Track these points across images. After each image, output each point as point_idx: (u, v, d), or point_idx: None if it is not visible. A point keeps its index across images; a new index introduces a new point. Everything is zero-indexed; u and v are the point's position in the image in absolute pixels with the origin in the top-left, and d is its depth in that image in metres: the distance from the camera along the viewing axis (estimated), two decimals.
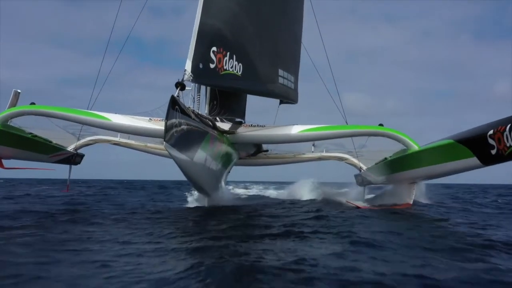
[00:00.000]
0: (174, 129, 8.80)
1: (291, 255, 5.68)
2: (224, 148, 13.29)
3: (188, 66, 10.61)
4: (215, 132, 12.20)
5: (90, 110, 15.30)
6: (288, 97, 14.43)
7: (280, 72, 13.57)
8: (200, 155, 10.71)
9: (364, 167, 19.24)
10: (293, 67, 14.50)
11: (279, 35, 13.67)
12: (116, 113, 14.31)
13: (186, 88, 10.71)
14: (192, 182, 11.79)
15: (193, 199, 16.12)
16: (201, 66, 10.71)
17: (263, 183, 50.41)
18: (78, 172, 22.30)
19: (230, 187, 30.53)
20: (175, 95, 9.53)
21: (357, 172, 19.99)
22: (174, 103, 8.80)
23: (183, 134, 9.22)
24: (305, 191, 20.39)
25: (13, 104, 15.11)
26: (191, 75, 10.51)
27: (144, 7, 19.68)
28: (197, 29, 10.82)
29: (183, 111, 9.31)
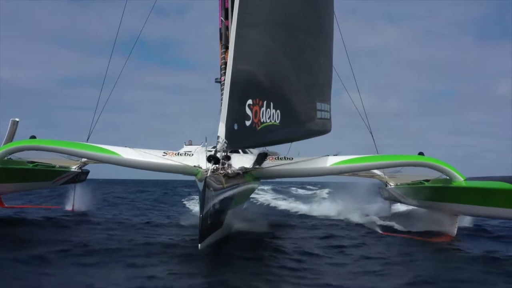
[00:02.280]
0: (210, 221, 7.33)
1: None
2: (249, 187, 11.89)
3: (222, 130, 8.64)
4: (241, 176, 10.73)
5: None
6: (325, 130, 12.70)
7: (318, 105, 11.76)
8: (229, 216, 9.31)
9: (392, 182, 17.98)
10: (328, 94, 12.75)
11: (315, 62, 11.84)
12: (126, 147, 12.96)
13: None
14: None
15: None
16: (236, 127, 8.84)
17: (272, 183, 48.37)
18: None
19: None
20: (208, 175, 7.91)
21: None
22: (209, 187, 7.24)
23: (217, 215, 7.76)
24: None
25: (12, 133, 13.74)
26: (225, 142, 8.71)
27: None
28: (229, 81, 8.84)
29: (217, 187, 7.75)
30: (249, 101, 9.11)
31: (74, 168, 17.66)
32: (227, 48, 13.03)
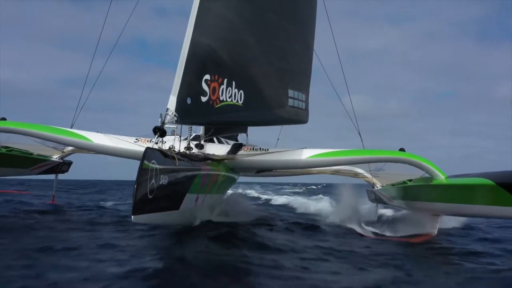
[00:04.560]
0: (151, 195, 6.92)
1: None
2: (221, 177, 11.48)
3: (172, 103, 8.37)
4: (209, 163, 10.34)
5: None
6: (298, 120, 12.32)
7: (290, 92, 11.43)
8: (188, 201, 8.90)
9: (379, 184, 17.53)
10: (305, 83, 12.37)
11: (289, 48, 11.48)
12: (98, 132, 12.60)
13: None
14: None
15: None
16: (189, 101, 8.54)
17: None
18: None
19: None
20: (152, 146, 7.59)
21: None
22: (149, 157, 6.88)
23: (163, 192, 7.36)
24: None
25: None
26: (175, 115, 8.39)
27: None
28: (186, 52, 8.58)
29: (164, 161, 7.37)
30: (206, 76, 8.84)
31: (55, 157, 17.33)
32: None
